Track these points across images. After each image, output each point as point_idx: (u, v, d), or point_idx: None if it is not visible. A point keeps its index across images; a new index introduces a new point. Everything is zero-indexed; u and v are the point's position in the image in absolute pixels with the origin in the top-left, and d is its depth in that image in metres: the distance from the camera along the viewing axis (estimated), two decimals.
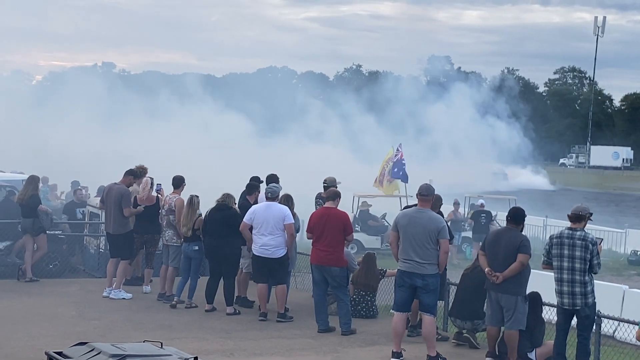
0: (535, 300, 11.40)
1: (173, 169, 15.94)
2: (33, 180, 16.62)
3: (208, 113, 46.17)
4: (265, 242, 13.35)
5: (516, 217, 11.23)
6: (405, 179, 26.67)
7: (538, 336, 11.41)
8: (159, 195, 15.48)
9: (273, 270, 13.48)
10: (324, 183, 15.09)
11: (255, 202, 14.78)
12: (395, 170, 27.53)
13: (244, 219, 13.63)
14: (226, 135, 43.54)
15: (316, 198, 15.65)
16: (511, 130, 68.27)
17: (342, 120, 53.31)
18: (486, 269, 11.04)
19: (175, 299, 14.45)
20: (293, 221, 13.55)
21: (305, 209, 15.54)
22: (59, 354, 6.92)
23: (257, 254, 13.49)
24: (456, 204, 29.34)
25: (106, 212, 15.31)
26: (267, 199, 13.63)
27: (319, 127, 50.78)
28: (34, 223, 16.22)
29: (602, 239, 11.58)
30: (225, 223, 13.77)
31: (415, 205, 11.51)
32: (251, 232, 13.48)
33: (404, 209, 12.50)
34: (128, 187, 15.19)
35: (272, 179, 14.97)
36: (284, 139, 47.07)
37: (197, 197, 14.45)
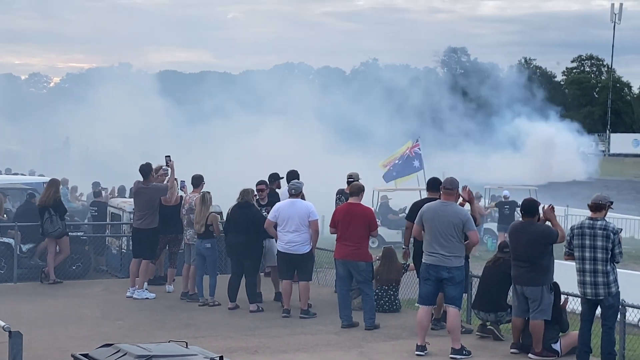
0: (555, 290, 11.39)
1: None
2: (54, 184, 16.69)
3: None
4: (290, 239, 13.38)
5: (529, 209, 11.27)
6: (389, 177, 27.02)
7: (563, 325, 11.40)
8: (182, 191, 15.53)
9: (298, 267, 13.52)
10: (348, 178, 15.04)
11: (274, 197, 14.82)
12: (398, 162, 27.64)
13: (268, 217, 13.66)
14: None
15: (337, 193, 15.63)
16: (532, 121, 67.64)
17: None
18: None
19: (200, 299, 14.50)
20: (317, 217, 13.58)
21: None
22: (85, 356, 6.96)
23: (282, 251, 13.52)
24: (478, 197, 29.28)
25: (136, 209, 15.35)
26: (291, 195, 13.64)
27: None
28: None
29: (621, 229, 11.56)
30: (248, 220, 13.80)
31: (436, 199, 11.53)
32: (276, 229, 13.52)
33: (420, 202, 12.47)
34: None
35: (293, 175, 14.97)
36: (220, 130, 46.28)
37: (209, 193, 14.49)
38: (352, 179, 14.69)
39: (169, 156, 15.49)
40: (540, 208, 11.53)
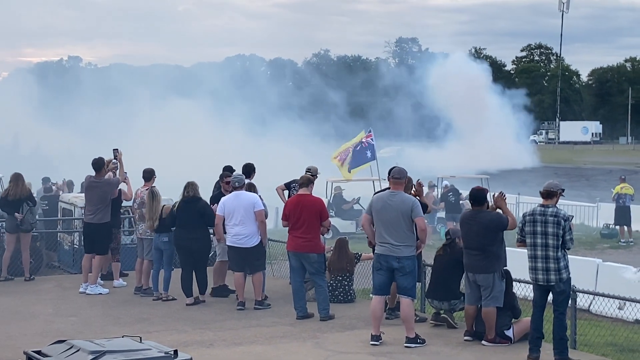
0: (507, 277, 11.52)
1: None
2: (20, 177, 16.44)
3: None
4: (237, 232, 13.33)
5: (477, 198, 11.39)
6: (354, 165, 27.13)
7: (515, 312, 11.53)
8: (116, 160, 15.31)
9: (248, 260, 13.47)
10: (307, 171, 15.02)
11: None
12: (351, 152, 27.72)
13: (217, 212, 13.59)
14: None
15: (292, 182, 15.60)
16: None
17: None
18: None
19: (155, 294, 14.41)
20: (263, 208, 13.55)
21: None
22: (38, 352, 6.90)
23: (230, 244, 13.48)
24: (431, 186, 29.49)
25: (87, 204, 15.15)
26: (235, 188, 13.61)
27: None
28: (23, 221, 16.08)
29: (572, 216, 11.71)
30: (197, 214, 13.73)
31: (388, 188, 11.56)
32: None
33: (376, 192, 12.53)
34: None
35: (249, 168, 14.90)
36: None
37: (155, 187, 14.42)
38: (309, 172, 14.69)
39: (117, 149, 15.34)
40: (489, 196, 11.64)
